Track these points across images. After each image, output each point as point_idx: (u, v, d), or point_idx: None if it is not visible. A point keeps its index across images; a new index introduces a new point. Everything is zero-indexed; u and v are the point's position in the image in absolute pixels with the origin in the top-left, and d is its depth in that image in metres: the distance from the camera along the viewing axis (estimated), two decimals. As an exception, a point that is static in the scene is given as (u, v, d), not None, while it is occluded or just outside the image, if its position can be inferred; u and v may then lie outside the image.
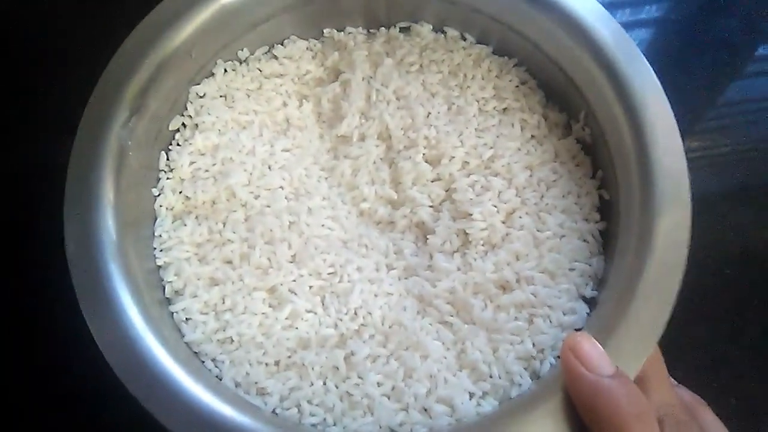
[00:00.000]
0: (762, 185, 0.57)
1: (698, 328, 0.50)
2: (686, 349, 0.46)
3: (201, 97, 0.48)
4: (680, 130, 0.39)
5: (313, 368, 0.40)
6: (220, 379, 0.40)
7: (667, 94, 0.40)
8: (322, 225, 0.45)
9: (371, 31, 0.52)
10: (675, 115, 0.40)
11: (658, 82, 0.41)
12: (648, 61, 0.41)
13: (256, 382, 0.39)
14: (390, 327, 0.41)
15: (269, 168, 0.46)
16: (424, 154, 0.46)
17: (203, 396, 0.35)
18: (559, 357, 0.38)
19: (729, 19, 0.65)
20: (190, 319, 0.42)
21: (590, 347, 0.33)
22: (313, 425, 0.38)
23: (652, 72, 0.41)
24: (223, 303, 0.42)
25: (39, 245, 0.51)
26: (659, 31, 0.66)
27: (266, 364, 0.40)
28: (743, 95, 0.63)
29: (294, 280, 0.43)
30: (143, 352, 0.36)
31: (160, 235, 0.44)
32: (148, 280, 0.41)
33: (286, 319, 0.42)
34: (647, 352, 0.34)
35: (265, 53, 0.50)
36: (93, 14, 0.61)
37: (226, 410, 0.34)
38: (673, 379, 0.39)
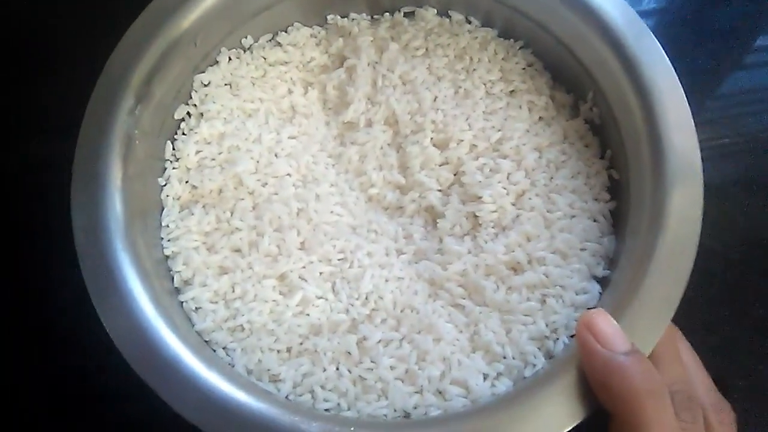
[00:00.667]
0: (765, 174, 0.57)
1: (705, 311, 0.50)
2: (693, 331, 0.46)
3: (206, 85, 0.47)
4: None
5: (325, 354, 0.39)
6: (233, 367, 0.39)
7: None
8: (331, 211, 0.45)
9: (375, 16, 0.51)
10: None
11: (668, 59, 0.41)
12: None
13: (268, 369, 0.39)
14: (402, 311, 0.41)
15: (276, 156, 0.46)
16: (431, 138, 0.46)
17: (217, 382, 0.35)
18: (572, 336, 0.38)
19: (728, 10, 0.65)
20: (200, 308, 0.41)
21: (606, 324, 0.33)
22: (327, 410, 0.38)
23: (661, 49, 0.41)
24: (233, 291, 0.42)
25: (44, 243, 0.51)
26: (659, 23, 0.65)
27: (278, 351, 0.40)
28: (744, 86, 0.62)
29: (304, 267, 0.42)
30: (155, 340, 0.36)
31: (168, 225, 0.44)
32: (157, 270, 0.41)
33: (297, 305, 0.41)
34: (662, 329, 0.34)
35: (269, 41, 0.50)
36: (95, 11, 0.60)
37: (240, 396, 0.34)
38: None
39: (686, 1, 0.67)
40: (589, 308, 0.39)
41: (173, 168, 0.45)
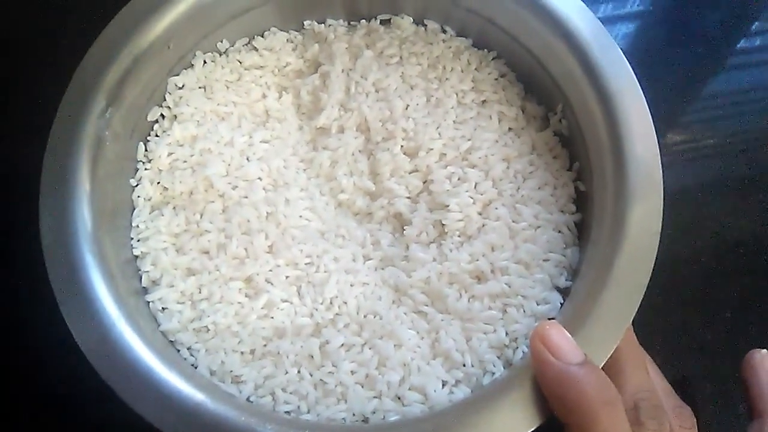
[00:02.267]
0: (740, 176, 0.57)
1: (674, 315, 0.51)
2: (662, 335, 0.47)
3: (180, 88, 0.48)
4: (662, 124, 0.39)
5: (288, 357, 0.40)
6: (196, 368, 0.40)
7: (649, 88, 0.41)
8: (300, 216, 0.45)
9: (352, 23, 0.52)
10: (656, 109, 0.40)
11: (633, 73, 0.41)
12: (630, 55, 0.42)
13: (231, 371, 0.39)
14: (365, 316, 0.42)
15: (247, 159, 0.46)
16: (402, 146, 0.47)
17: (176, 382, 0.35)
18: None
19: (710, 12, 0.66)
20: (166, 308, 0.42)
21: (559, 336, 0.34)
22: (287, 413, 0.38)
23: (627, 63, 0.41)
24: (200, 293, 0.42)
25: (17, 246, 0.51)
26: (641, 25, 0.66)
27: (241, 353, 0.40)
28: (724, 88, 0.63)
29: (270, 270, 0.43)
30: (118, 341, 0.36)
31: (138, 226, 0.44)
32: (124, 270, 0.41)
33: (261, 308, 0.42)
34: (616, 340, 0.35)
35: (245, 45, 0.50)
36: (70, 14, 0.60)
37: (198, 396, 0.34)
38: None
39: (671, 3, 0.68)
40: (549, 318, 0.39)
41: (145, 169, 0.46)
